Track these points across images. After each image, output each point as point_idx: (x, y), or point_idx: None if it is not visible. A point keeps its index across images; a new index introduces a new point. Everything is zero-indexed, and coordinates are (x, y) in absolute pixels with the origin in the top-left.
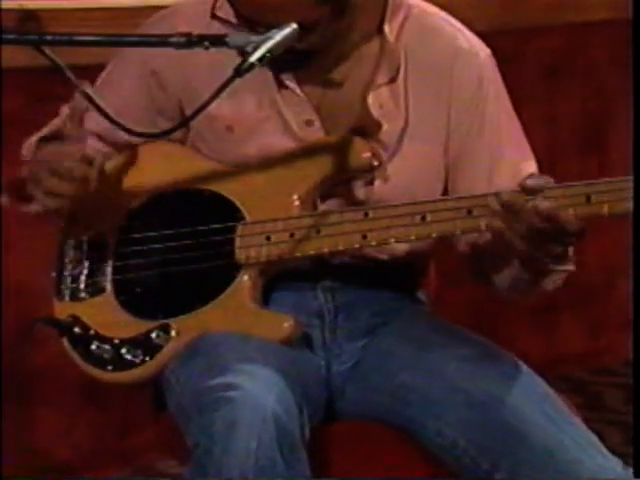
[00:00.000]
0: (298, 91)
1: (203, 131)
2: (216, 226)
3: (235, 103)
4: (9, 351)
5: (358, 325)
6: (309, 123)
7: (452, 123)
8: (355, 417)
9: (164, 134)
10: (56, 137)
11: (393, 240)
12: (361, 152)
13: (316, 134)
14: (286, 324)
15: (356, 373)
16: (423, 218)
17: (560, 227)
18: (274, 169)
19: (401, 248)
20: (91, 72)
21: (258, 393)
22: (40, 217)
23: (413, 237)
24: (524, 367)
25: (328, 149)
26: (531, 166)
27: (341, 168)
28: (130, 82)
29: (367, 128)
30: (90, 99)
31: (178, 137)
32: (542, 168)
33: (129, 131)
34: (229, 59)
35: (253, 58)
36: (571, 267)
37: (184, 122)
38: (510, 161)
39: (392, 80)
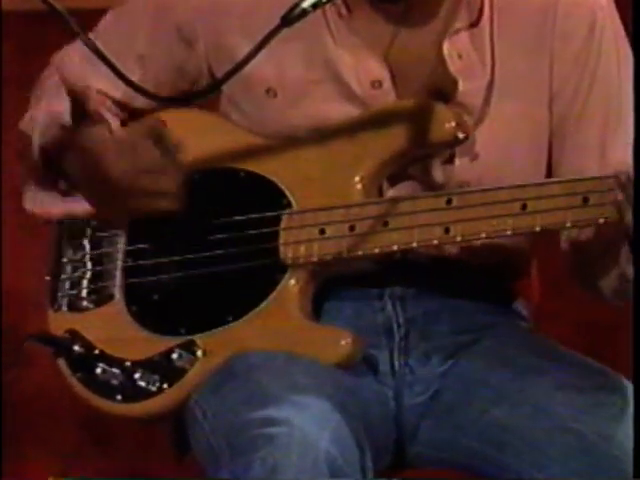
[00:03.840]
0: (361, 45)
1: (237, 96)
2: (255, 216)
3: (278, 61)
4: None
5: (437, 345)
6: (376, 84)
7: (556, 79)
8: (432, 462)
9: (191, 98)
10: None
11: (484, 235)
12: (444, 122)
13: (385, 97)
14: (344, 342)
15: (434, 407)
16: (524, 207)
17: None
18: (329, 143)
19: (494, 246)
20: (96, 18)
21: (308, 430)
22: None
23: (510, 231)
24: None
25: (400, 117)
26: None
27: (416, 142)
28: (145, 37)
29: (443, 86)
30: (101, 55)
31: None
32: None
33: (149, 95)
34: (270, 10)
35: (306, 3)
36: None
37: (217, 84)
38: (629, 130)
39: (473, 24)
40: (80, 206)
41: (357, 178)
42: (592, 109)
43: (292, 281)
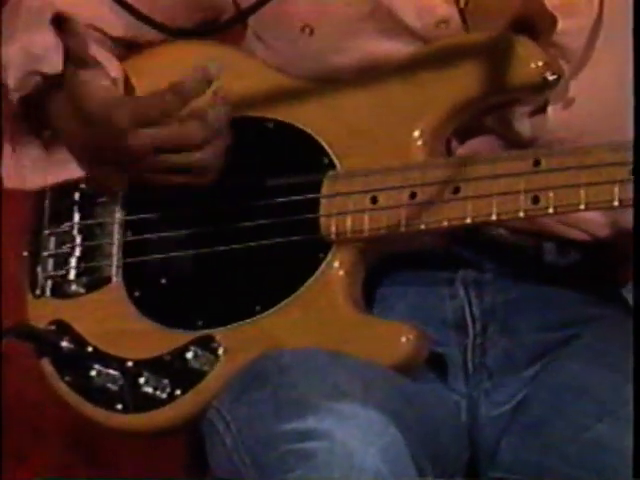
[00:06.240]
0: None
1: (267, 33)
2: (289, 180)
3: None
4: None
5: (522, 343)
6: (442, 24)
7: None
8: None
9: (213, 30)
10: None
11: (583, 207)
12: (528, 60)
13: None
14: (404, 338)
15: (518, 421)
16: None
17: None
18: (382, 88)
19: (597, 219)
20: None
21: (353, 445)
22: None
23: (616, 202)
24: None
25: (472, 54)
26: None
27: (493, 86)
28: None
29: (535, 24)
30: None
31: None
32: None
33: (162, 28)
34: None
35: None
36: None
37: (243, 14)
38: None
39: None
40: (68, 172)
41: (417, 132)
42: None
43: (336, 262)
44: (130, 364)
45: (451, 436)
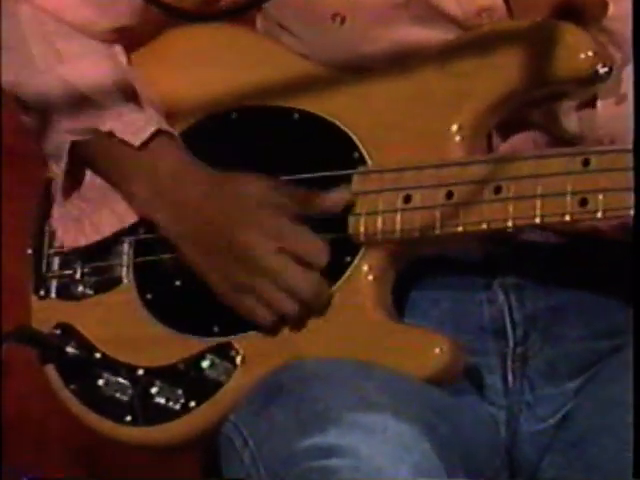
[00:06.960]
0: None
1: (293, 22)
2: (314, 175)
3: None
4: None
5: (567, 352)
6: (483, 12)
7: None
8: None
9: (227, 14)
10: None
11: (631, 211)
12: (577, 50)
13: None
14: (438, 350)
15: (562, 436)
16: None
17: None
18: (417, 77)
19: None
20: None
21: (380, 462)
22: None
23: None
24: None
25: (515, 43)
26: None
27: (538, 78)
28: None
29: (585, 11)
30: None
31: None
32: None
33: (175, 12)
34: None
35: None
36: None
37: None
38: None
39: None
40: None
41: (455, 126)
42: None
43: (365, 266)
44: (141, 372)
45: (488, 452)
